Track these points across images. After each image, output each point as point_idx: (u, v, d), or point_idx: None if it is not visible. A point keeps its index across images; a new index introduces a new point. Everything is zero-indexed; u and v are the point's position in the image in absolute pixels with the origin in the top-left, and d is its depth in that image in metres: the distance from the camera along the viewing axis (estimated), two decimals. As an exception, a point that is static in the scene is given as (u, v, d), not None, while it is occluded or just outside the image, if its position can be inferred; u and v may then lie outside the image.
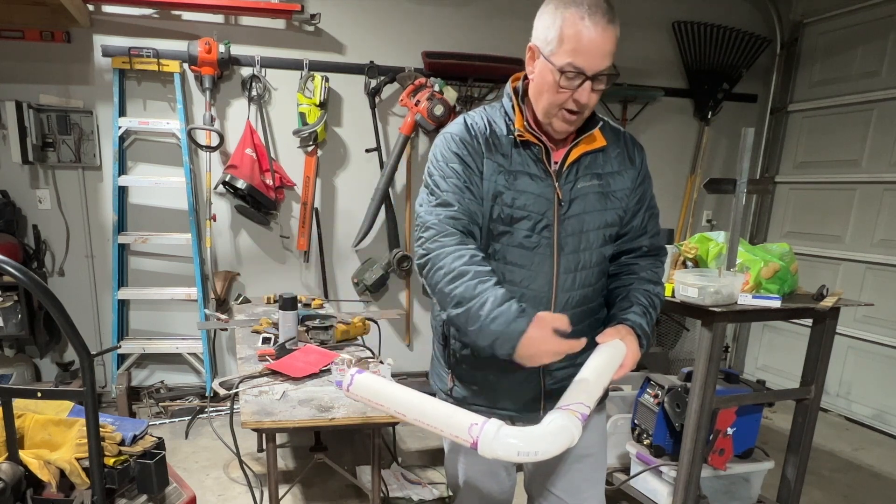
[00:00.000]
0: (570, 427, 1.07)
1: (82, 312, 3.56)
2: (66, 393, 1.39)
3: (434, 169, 1.33)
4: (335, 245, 3.89)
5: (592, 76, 1.20)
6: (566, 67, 1.20)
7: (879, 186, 3.67)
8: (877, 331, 3.67)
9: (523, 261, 1.33)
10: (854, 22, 3.84)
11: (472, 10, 3.79)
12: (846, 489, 2.96)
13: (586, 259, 1.36)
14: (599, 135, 1.35)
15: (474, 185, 1.30)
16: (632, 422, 2.47)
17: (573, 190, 1.32)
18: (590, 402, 1.14)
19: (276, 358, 2.11)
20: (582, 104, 1.23)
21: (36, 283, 1.17)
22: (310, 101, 3.47)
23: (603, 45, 1.18)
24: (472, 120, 1.35)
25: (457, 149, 1.31)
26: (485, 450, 1.05)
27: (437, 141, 1.37)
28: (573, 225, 1.33)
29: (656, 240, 1.45)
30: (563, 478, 1.51)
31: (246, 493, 2.38)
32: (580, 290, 1.37)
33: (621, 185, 1.37)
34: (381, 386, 1.19)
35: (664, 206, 4.69)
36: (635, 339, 1.31)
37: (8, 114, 3.13)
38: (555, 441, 1.06)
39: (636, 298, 1.36)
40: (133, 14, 3.35)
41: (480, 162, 1.30)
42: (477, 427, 1.06)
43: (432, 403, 1.15)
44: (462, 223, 1.27)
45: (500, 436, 1.04)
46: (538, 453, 1.05)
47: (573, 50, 1.18)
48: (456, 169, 1.29)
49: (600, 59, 1.20)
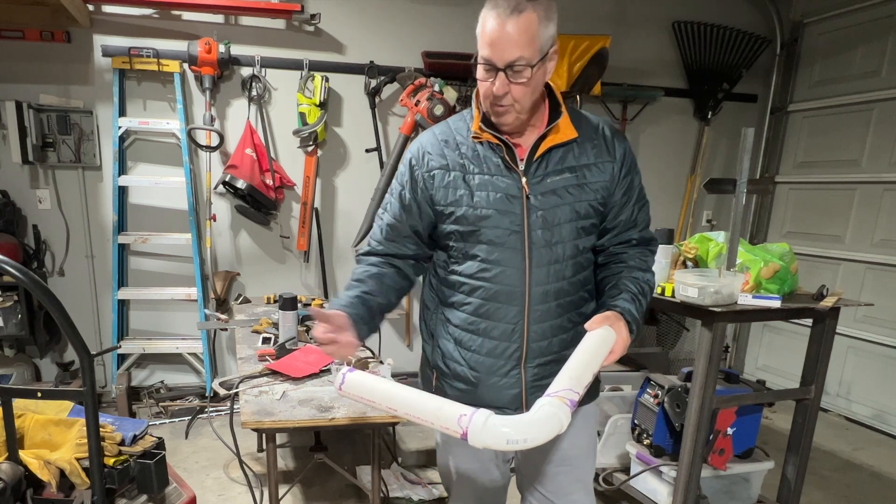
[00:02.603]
0: (558, 414, 1.08)
1: (82, 312, 3.56)
2: (66, 393, 1.39)
3: (391, 185, 1.47)
4: (335, 245, 3.89)
5: (504, 67, 1.22)
6: (480, 60, 1.25)
7: (879, 186, 3.67)
8: (877, 331, 3.67)
9: (494, 257, 1.35)
10: (854, 22, 3.83)
11: (472, 10, 3.73)
12: (846, 489, 2.96)
13: (559, 252, 1.36)
14: (567, 126, 1.34)
15: (410, 202, 1.40)
16: (632, 422, 2.47)
17: (541, 184, 1.33)
18: (578, 389, 1.14)
19: (276, 358, 2.11)
20: (497, 95, 1.25)
21: (36, 283, 1.18)
22: (310, 101, 3.47)
23: (508, 35, 1.20)
24: (430, 134, 1.43)
25: (402, 168, 1.43)
26: (475, 440, 1.06)
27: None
28: (544, 219, 1.33)
29: (647, 231, 1.46)
30: (552, 479, 1.52)
31: (246, 493, 2.38)
32: (555, 284, 1.37)
33: (598, 178, 1.36)
34: (371, 383, 1.22)
35: (664, 206, 4.72)
36: (624, 324, 1.30)
37: (8, 114, 3.13)
38: (543, 428, 1.07)
39: (625, 285, 1.37)
40: (133, 14, 3.35)
41: (429, 176, 1.37)
42: (466, 418, 1.07)
43: (422, 397, 1.17)
44: (372, 247, 1.45)
45: (488, 425, 1.06)
46: (527, 441, 1.05)
47: (485, 43, 1.23)
48: (397, 189, 1.43)
49: (507, 50, 1.21)
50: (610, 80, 3.89)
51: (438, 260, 1.46)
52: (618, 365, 3.10)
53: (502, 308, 1.36)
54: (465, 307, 1.40)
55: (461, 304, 1.41)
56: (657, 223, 1.86)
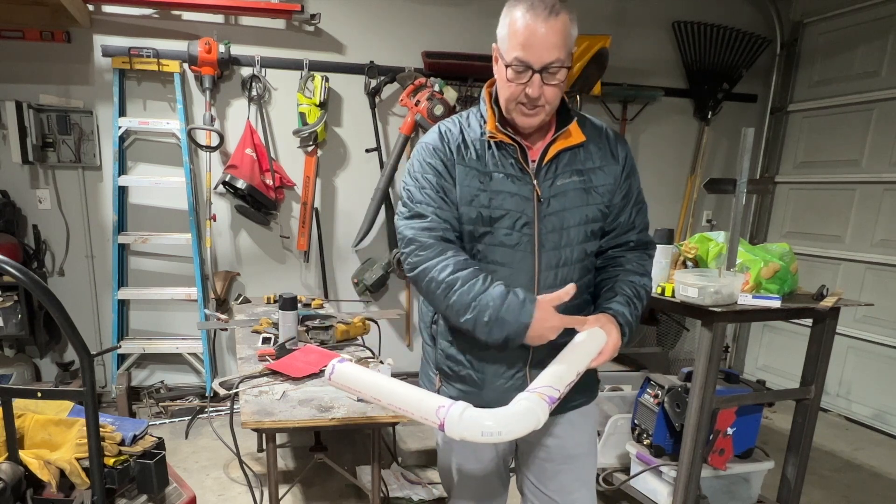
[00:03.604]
0: (535, 410, 1.09)
1: (82, 312, 3.56)
2: (66, 393, 1.39)
3: (410, 180, 1.38)
4: (335, 245, 3.89)
5: (540, 69, 1.22)
6: (513, 62, 1.23)
7: (879, 186, 3.67)
8: (877, 331, 3.67)
9: (505, 259, 1.35)
10: (854, 22, 3.84)
11: (472, 10, 3.79)
12: (846, 489, 2.96)
13: (567, 255, 1.37)
14: (576, 130, 1.35)
15: (448, 192, 1.34)
16: (632, 422, 2.47)
17: (552, 187, 1.34)
18: (559, 386, 1.15)
19: (276, 358, 2.11)
20: (532, 97, 1.25)
21: (36, 283, 1.17)
22: (310, 101, 3.47)
23: (546, 37, 1.20)
24: (446, 127, 1.39)
25: (430, 158, 1.35)
26: (451, 430, 1.08)
27: (413, 152, 1.41)
28: (553, 222, 1.34)
29: (644, 234, 1.46)
30: (554, 478, 1.52)
31: (246, 493, 2.38)
32: (562, 287, 1.37)
33: (603, 181, 1.37)
34: (358, 373, 1.24)
35: (664, 206, 4.71)
36: (616, 327, 1.31)
37: (8, 114, 3.13)
38: (519, 422, 1.08)
39: (620, 289, 1.38)
40: (133, 14, 3.35)
41: (453, 169, 1.34)
42: (444, 409, 1.10)
43: (405, 389, 1.19)
44: (436, 233, 1.32)
45: (464, 417, 1.08)
46: (502, 433, 1.07)
47: (518, 44, 1.22)
48: (430, 179, 1.34)
49: (545, 52, 1.21)
50: (610, 80, 3.88)
51: None
52: (618, 365, 3.10)
53: None
54: None
55: None
56: (657, 223, 1.86)
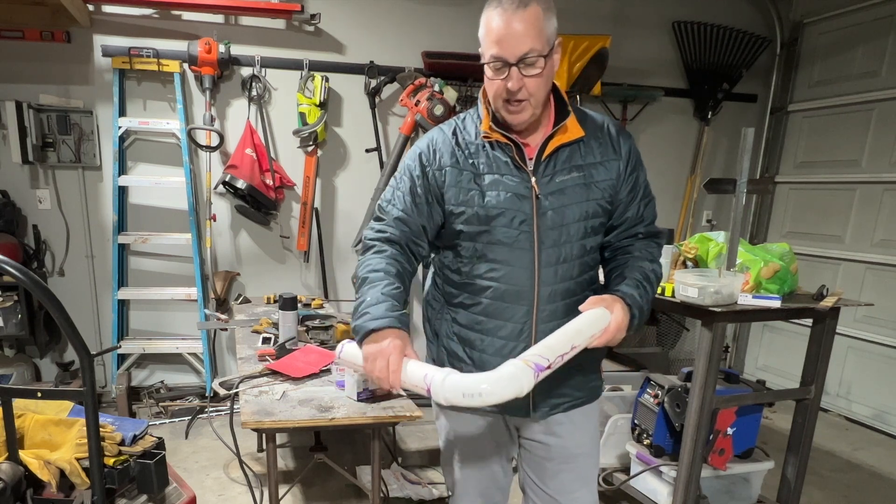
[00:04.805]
0: (519, 376, 1.10)
1: (82, 312, 3.56)
2: (66, 393, 1.39)
3: (393, 179, 1.42)
4: (335, 245, 3.89)
5: (516, 62, 1.22)
6: (490, 59, 1.25)
7: (879, 186, 3.67)
8: (877, 331, 3.67)
9: (503, 257, 1.35)
10: (854, 22, 3.83)
11: (472, 10, 3.77)
12: (846, 489, 2.96)
13: (567, 252, 1.36)
14: (574, 125, 1.35)
15: (418, 197, 1.37)
16: (632, 422, 2.47)
17: (551, 183, 1.33)
18: (549, 356, 1.15)
19: (276, 358, 2.11)
20: (512, 91, 1.25)
21: (36, 283, 1.17)
22: (310, 101, 3.47)
23: (515, 29, 1.20)
24: (438, 132, 1.41)
25: (411, 161, 1.40)
26: (436, 395, 1.14)
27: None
28: (553, 218, 1.34)
29: (653, 226, 1.46)
30: (555, 477, 1.52)
31: (246, 493, 2.38)
32: (563, 284, 1.37)
33: (604, 176, 1.37)
34: (359, 351, 1.29)
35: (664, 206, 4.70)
36: (622, 307, 1.30)
37: (8, 114, 3.13)
38: (502, 386, 1.10)
39: (629, 273, 1.38)
40: (133, 14, 3.35)
41: (439, 173, 1.36)
42: (429, 376, 1.16)
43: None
44: (384, 234, 1.37)
45: (447, 381, 1.13)
46: (482, 395, 1.10)
47: (493, 41, 1.23)
48: (405, 181, 1.39)
49: (517, 44, 1.21)
50: (610, 80, 3.89)
51: (445, 259, 1.46)
52: (618, 365, 3.10)
53: (510, 308, 1.36)
54: (473, 307, 1.40)
55: (468, 304, 1.41)
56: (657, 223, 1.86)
